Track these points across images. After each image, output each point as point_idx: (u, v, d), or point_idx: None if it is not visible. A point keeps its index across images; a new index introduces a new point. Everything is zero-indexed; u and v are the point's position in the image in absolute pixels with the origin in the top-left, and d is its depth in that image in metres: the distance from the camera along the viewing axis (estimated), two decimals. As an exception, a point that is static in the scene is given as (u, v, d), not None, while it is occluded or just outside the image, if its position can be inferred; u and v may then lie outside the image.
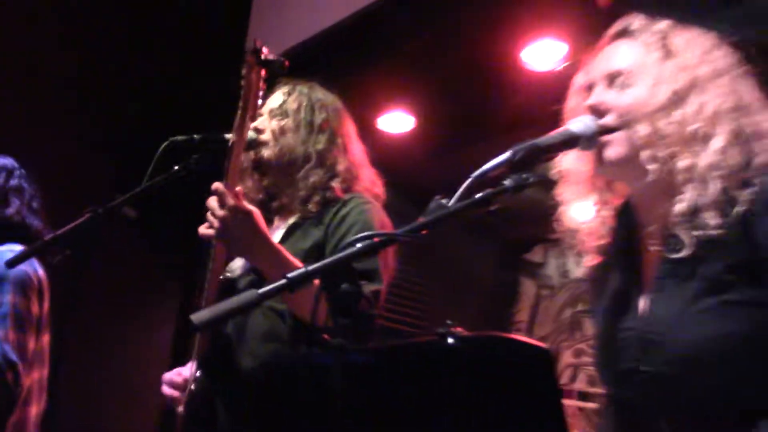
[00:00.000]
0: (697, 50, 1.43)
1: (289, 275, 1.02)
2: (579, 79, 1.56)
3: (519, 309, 5.74)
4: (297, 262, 1.85)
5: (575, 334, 5.33)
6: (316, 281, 1.09)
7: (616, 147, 1.40)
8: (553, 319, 5.52)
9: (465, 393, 0.90)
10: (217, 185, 1.79)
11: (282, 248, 1.88)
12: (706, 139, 1.35)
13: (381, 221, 2.05)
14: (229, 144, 1.93)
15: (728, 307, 1.24)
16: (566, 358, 5.29)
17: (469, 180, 1.21)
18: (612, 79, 1.45)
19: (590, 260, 1.57)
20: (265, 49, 2.03)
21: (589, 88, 1.48)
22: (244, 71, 2.01)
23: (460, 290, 5.42)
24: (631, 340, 1.35)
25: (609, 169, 1.46)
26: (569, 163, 1.55)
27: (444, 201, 1.18)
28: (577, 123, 1.42)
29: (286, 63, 2.03)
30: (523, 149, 1.27)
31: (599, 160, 1.44)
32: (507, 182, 1.23)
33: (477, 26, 3.29)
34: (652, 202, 1.41)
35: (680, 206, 1.33)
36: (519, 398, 0.88)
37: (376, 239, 1.07)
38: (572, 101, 1.55)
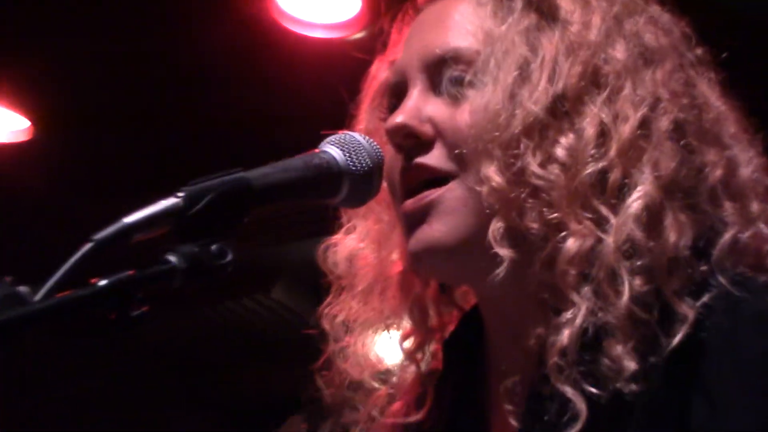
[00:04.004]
0: (603, 12, 0.99)
1: None
2: (378, 73, 1.12)
3: None
4: None
5: None
6: None
7: (442, 217, 0.98)
8: None
9: None
10: None
11: None
12: (619, 191, 0.92)
13: None
14: None
15: None
16: None
17: (88, 247, 0.82)
18: (437, 72, 1.01)
19: None
20: None
21: (397, 91, 1.06)
22: None
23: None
24: None
25: (428, 263, 1.02)
26: (355, 246, 1.13)
27: (22, 289, 0.81)
28: (336, 143, 1.01)
29: None
30: (216, 188, 0.90)
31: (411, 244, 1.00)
32: (173, 258, 0.86)
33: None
34: (513, 324, 1.00)
35: (565, 333, 0.89)
36: None
37: None
38: (366, 117, 1.12)
